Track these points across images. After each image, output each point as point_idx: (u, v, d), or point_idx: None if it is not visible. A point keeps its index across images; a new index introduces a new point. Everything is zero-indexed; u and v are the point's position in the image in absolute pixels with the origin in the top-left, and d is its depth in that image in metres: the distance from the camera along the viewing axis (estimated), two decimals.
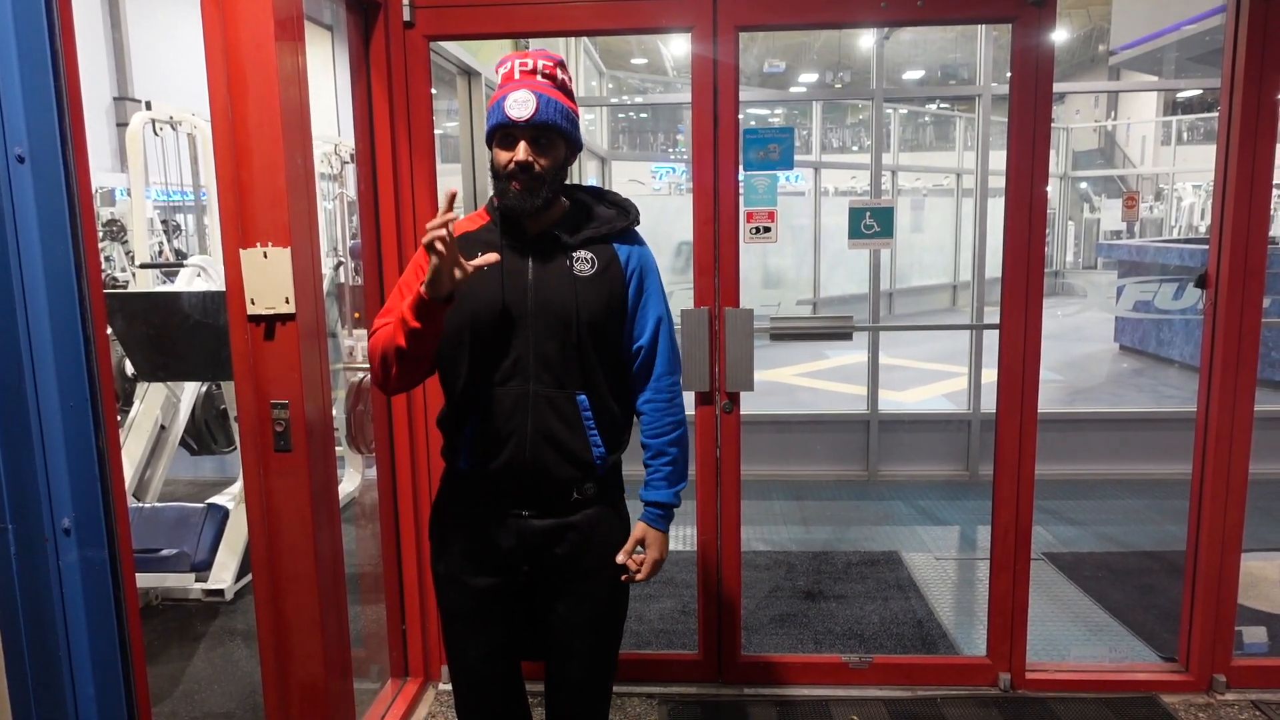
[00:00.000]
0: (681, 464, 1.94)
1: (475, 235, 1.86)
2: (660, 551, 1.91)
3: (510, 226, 1.84)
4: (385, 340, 1.77)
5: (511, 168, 1.74)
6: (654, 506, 1.91)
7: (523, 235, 1.84)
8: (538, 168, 1.75)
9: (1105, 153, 21.91)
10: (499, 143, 1.77)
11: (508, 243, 1.83)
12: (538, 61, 1.79)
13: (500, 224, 1.84)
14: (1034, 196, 2.75)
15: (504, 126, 1.74)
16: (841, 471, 5.56)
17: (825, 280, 10.40)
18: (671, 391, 1.93)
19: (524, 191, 1.75)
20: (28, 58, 1.56)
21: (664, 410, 1.91)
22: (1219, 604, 2.90)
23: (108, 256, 7.45)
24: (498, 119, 1.74)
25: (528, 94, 1.73)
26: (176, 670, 3.31)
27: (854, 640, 3.42)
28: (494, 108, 1.76)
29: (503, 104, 1.73)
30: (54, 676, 1.65)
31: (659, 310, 1.91)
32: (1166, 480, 5.23)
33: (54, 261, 1.61)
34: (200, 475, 5.69)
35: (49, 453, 1.62)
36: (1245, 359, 2.79)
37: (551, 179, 1.78)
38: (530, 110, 1.72)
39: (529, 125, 1.73)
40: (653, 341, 1.90)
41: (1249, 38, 2.65)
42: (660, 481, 1.92)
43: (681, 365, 2.00)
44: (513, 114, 1.72)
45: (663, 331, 1.91)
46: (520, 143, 1.74)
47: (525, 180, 1.75)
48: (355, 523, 4.30)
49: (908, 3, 2.69)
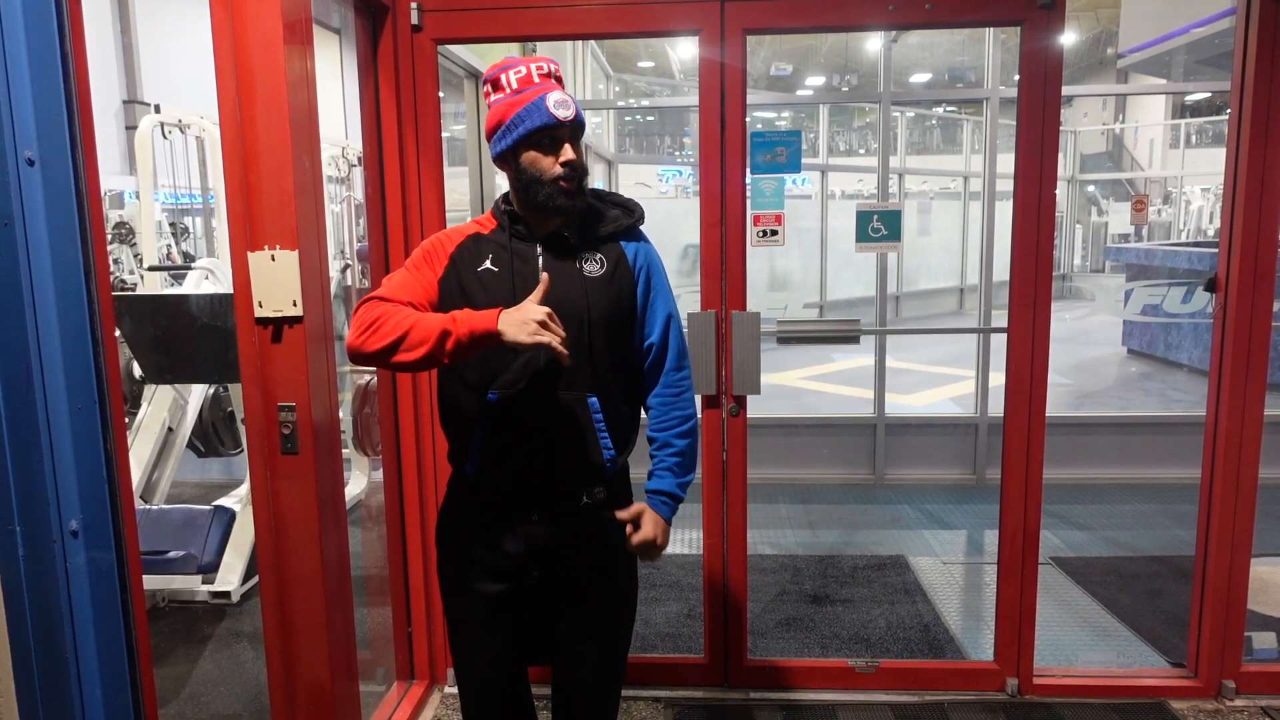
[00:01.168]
0: (689, 458, 1.92)
1: (486, 239, 1.87)
2: (655, 531, 1.83)
3: (519, 230, 1.84)
4: (412, 329, 1.67)
5: (558, 169, 1.75)
6: (657, 494, 1.88)
7: (531, 238, 1.84)
8: (579, 165, 1.78)
9: (1113, 156, 21.86)
10: (537, 146, 1.76)
11: (517, 245, 1.83)
12: (551, 65, 1.81)
13: (510, 227, 1.84)
14: (1042, 199, 2.74)
15: (551, 128, 1.74)
16: (848, 475, 5.55)
17: (832, 283, 10.39)
18: (680, 386, 1.92)
19: (573, 189, 1.77)
20: (38, 62, 1.57)
21: (672, 404, 1.90)
22: (1228, 609, 2.89)
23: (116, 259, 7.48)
24: (543, 120, 1.73)
25: (563, 94, 1.76)
26: (183, 672, 3.31)
27: (860, 645, 3.41)
28: (531, 109, 1.73)
29: (544, 104, 1.73)
30: (61, 677, 1.66)
31: (668, 307, 1.92)
32: (1175, 484, 5.21)
33: (63, 264, 1.62)
34: (207, 477, 5.71)
35: (57, 454, 1.62)
36: (1255, 363, 2.78)
37: (585, 176, 1.81)
38: (573, 111, 1.75)
39: (571, 125, 1.75)
40: (663, 338, 1.90)
41: (1259, 40, 2.64)
42: (664, 472, 1.89)
43: (690, 363, 1.99)
44: (559, 114, 1.73)
45: (672, 328, 1.92)
46: (565, 143, 1.76)
47: (573, 179, 1.76)
48: (361, 525, 4.30)
49: (916, 5, 2.69)
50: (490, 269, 1.82)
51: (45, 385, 1.61)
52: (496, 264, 1.82)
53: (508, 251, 1.82)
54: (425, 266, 1.84)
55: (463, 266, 1.83)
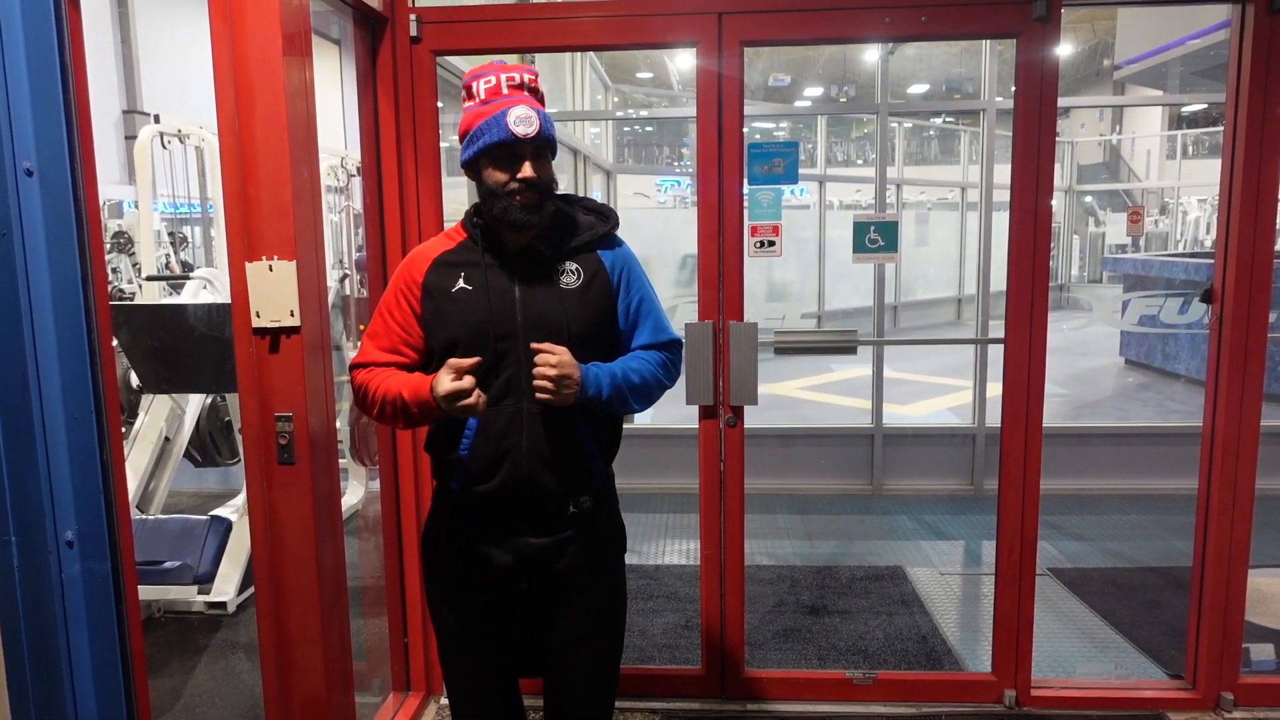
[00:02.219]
0: (631, 386, 1.82)
1: (453, 256, 1.85)
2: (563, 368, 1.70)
3: (491, 243, 1.83)
4: (384, 399, 1.80)
5: (515, 185, 1.74)
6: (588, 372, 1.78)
7: (505, 251, 1.83)
8: (540, 181, 1.76)
9: (1110, 167, 21.93)
10: (494, 161, 1.75)
11: (490, 260, 1.82)
12: (523, 75, 1.78)
13: (482, 241, 1.83)
14: (1038, 210, 2.75)
15: (508, 144, 1.72)
16: (846, 486, 5.54)
17: (830, 293, 10.40)
18: (670, 352, 1.91)
19: (531, 205, 1.75)
20: (37, 73, 1.57)
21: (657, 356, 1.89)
22: (1226, 621, 2.88)
23: (114, 268, 7.48)
24: (500, 136, 1.71)
25: (528, 110, 1.73)
26: (178, 683, 3.30)
27: (858, 656, 3.41)
28: (490, 124, 1.72)
29: (504, 120, 1.71)
30: (56, 688, 1.65)
31: (653, 309, 1.92)
32: (1173, 495, 5.20)
33: (61, 273, 1.62)
34: (204, 487, 5.70)
35: (53, 465, 1.62)
36: (1251, 373, 2.78)
37: (549, 191, 1.79)
38: (535, 127, 1.72)
39: (533, 141, 1.73)
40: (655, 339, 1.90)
41: (1253, 53, 2.66)
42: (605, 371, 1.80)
43: (682, 341, 1.98)
44: (519, 131, 1.71)
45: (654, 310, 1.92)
46: (525, 161, 1.74)
47: (530, 195, 1.75)
48: (358, 535, 4.29)
49: (912, 18, 2.70)
50: (465, 288, 1.81)
51: (42, 394, 1.60)
52: (470, 282, 1.81)
53: (480, 268, 1.81)
54: (397, 307, 1.86)
55: (436, 292, 1.82)
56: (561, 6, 2.82)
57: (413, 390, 1.75)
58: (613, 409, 1.84)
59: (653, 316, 1.91)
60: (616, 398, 1.80)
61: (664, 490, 5.20)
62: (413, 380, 1.77)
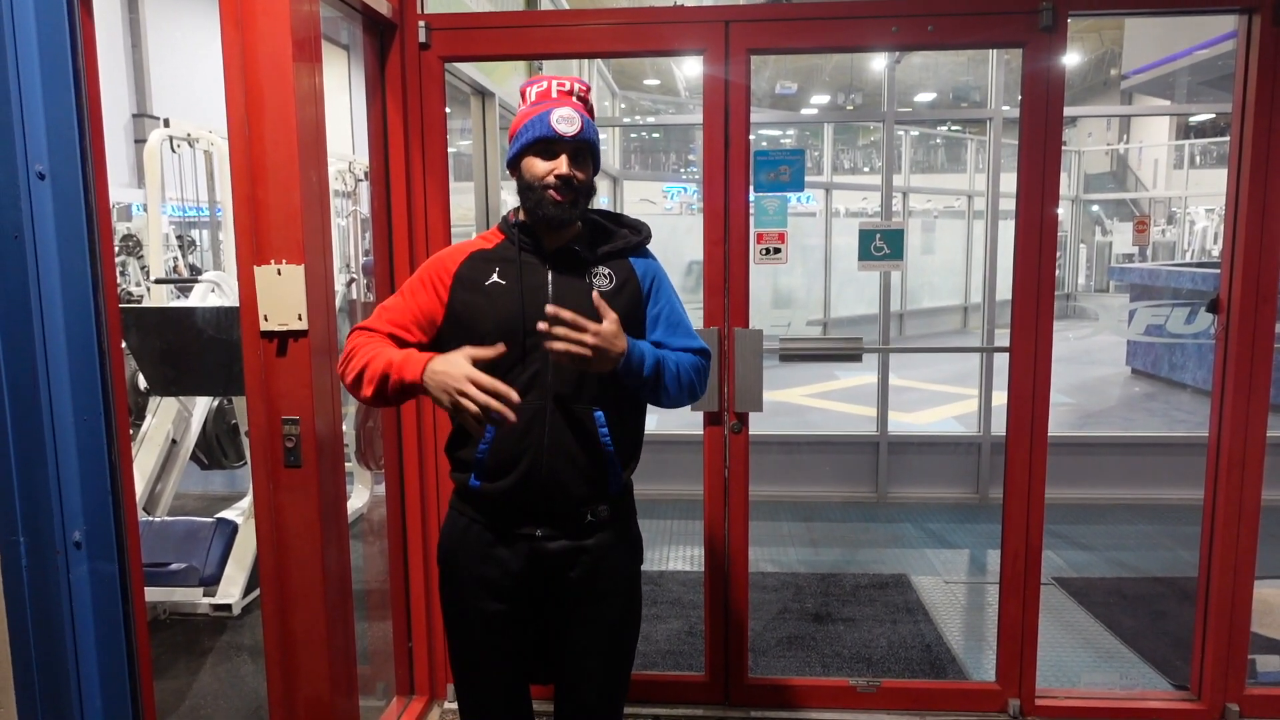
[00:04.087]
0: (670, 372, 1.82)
1: (489, 253, 1.88)
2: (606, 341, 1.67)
3: (528, 242, 1.86)
4: (367, 364, 1.76)
5: (551, 179, 1.77)
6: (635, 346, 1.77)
7: (541, 251, 1.86)
8: (576, 181, 1.79)
9: (1117, 176, 21.89)
10: (536, 153, 1.79)
11: (527, 258, 1.84)
12: (575, 85, 1.85)
13: (519, 239, 1.86)
14: (1044, 219, 2.75)
15: (547, 140, 1.77)
16: (850, 493, 5.54)
17: (835, 301, 10.41)
18: (704, 360, 1.91)
19: (563, 202, 1.78)
20: (50, 77, 1.59)
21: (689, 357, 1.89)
22: (1231, 631, 2.87)
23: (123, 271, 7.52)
24: (541, 131, 1.77)
25: (572, 112, 1.78)
26: (183, 685, 3.31)
27: (862, 664, 3.40)
28: (535, 121, 1.78)
29: (548, 118, 1.77)
30: (61, 688, 1.66)
31: (673, 305, 1.94)
32: (1179, 505, 5.19)
33: (71, 276, 1.63)
34: (210, 490, 5.71)
35: (62, 465, 1.63)
36: (1257, 384, 2.78)
37: (585, 193, 1.82)
38: (577, 127, 1.77)
39: (573, 140, 1.77)
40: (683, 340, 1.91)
41: (1260, 63, 2.66)
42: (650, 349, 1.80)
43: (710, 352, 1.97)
44: (560, 128, 1.76)
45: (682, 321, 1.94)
46: (562, 156, 1.78)
47: (564, 191, 1.78)
48: (363, 539, 4.30)
49: (918, 27, 2.71)
50: (498, 282, 1.83)
51: (51, 396, 1.62)
52: (504, 277, 1.83)
53: (516, 264, 1.84)
54: (422, 290, 1.86)
55: (469, 283, 1.84)
56: (569, 14, 2.84)
57: (403, 362, 1.73)
58: (643, 389, 1.82)
59: (682, 326, 1.93)
60: (652, 377, 1.79)
61: (669, 496, 5.20)
62: (406, 357, 1.75)
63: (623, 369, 1.73)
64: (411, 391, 1.74)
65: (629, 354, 1.73)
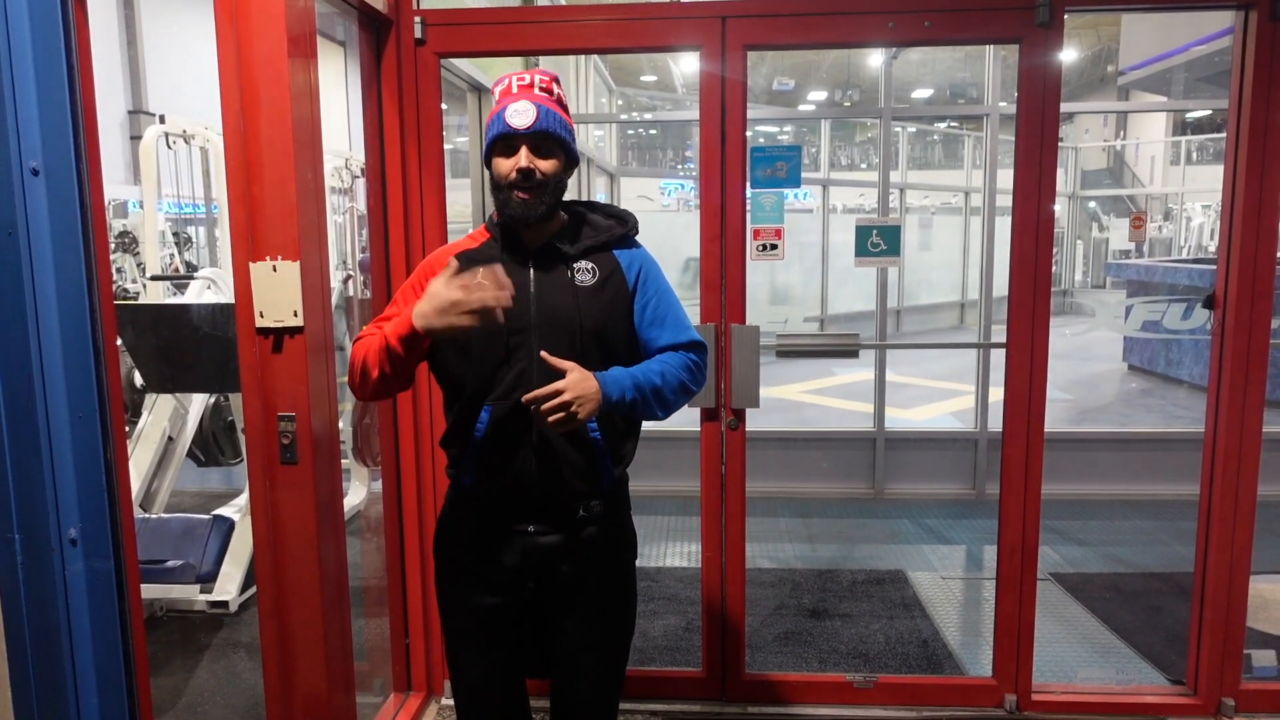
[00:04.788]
0: (657, 388, 1.80)
1: (476, 253, 1.87)
2: (577, 390, 1.67)
3: (510, 241, 1.85)
4: (367, 352, 1.78)
5: (514, 176, 1.76)
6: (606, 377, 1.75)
7: (523, 248, 1.85)
8: (539, 174, 1.77)
9: (1114, 172, 21.92)
10: (499, 153, 1.79)
11: (509, 257, 1.84)
12: (534, 77, 1.83)
13: (500, 238, 1.85)
14: (1041, 215, 2.75)
15: (504, 136, 1.77)
16: (847, 489, 5.54)
17: (833, 297, 10.41)
18: (695, 354, 1.89)
19: (527, 200, 1.77)
20: (44, 73, 1.58)
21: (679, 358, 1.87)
22: (1227, 626, 2.88)
23: (119, 268, 7.50)
24: (498, 129, 1.77)
25: (527, 104, 1.77)
26: (180, 682, 3.30)
27: (859, 659, 3.40)
28: (494, 119, 1.79)
29: (503, 114, 1.77)
30: (58, 686, 1.66)
31: (673, 308, 1.92)
32: (1175, 501, 5.20)
33: (66, 273, 1.63)
34: (207, 487, 5.71)
35: (57, 463, 1.63)
36: (1253, 380, 2.78)
37: (553, 187, 1.80)
38: (530, 119, 1.75)
39: (529, 133, 1.76)
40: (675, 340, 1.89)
41: (1256, 59, 2.66)
42: (625, 374, 1.78)
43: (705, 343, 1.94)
44: (513, 123, 1.75)
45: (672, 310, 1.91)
46: (521, 149, 1.77)
47: (527, 188, 1.77)
48: (360, 536, 4.30)
49: (915, 23, 2.71)
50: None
51: (46, 393, 1.61)
52: None
53: (498, 262, 1.83)
54: (413, 295, 1.85)
55: None
56: (565, 9, 2.83)
57: (392, 326, 1.74)
58: (638, 414, 1.83)
59: (672, 316, 1.90)
60: (640, 401, 1.78)
61: (666, 493, 5.21)
62: (395, 319, 1.76)
63: (605, 407, 1.73)
64: (414, 341, 1.71)
65: (604, 390, 1.72)
